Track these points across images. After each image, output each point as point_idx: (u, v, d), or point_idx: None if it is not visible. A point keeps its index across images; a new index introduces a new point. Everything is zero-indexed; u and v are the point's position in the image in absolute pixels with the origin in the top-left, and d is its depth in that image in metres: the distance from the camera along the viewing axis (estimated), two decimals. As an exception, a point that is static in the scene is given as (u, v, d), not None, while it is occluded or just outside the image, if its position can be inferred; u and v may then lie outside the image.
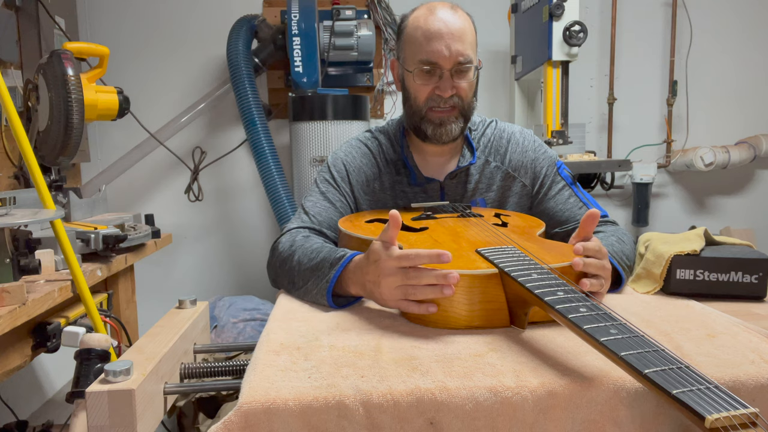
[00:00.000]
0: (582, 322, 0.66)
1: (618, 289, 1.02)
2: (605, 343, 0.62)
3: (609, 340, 0.62)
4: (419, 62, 1.16)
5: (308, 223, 1.20)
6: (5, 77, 1.89)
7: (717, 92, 2.79)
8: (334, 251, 0.99)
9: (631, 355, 0.59)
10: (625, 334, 0.64)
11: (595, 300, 0.72)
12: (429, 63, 1.15)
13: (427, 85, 1.17)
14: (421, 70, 1.16)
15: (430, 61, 1.14)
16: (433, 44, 1.14)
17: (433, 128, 1.19)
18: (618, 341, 0.62)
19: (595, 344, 0.63)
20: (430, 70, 1.16)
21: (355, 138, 1.34)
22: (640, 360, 0.59)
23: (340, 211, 1.24)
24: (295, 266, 1.04)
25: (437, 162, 1.28)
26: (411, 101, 1.21)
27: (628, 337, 0.63)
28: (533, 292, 0.73)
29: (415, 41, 1.16)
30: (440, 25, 1.14)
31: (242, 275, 2.75)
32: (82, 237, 1.39)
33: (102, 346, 0.82)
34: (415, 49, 1.17)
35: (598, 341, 0.62)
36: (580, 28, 2.12)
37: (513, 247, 0.90)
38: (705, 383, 0.55)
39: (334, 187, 1.26)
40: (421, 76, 1.17)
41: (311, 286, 0.98)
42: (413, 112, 1.21)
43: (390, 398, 0.63)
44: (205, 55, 2.61)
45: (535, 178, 1.28)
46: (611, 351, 0.60)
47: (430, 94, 1.17)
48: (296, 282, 1.03)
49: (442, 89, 1.15)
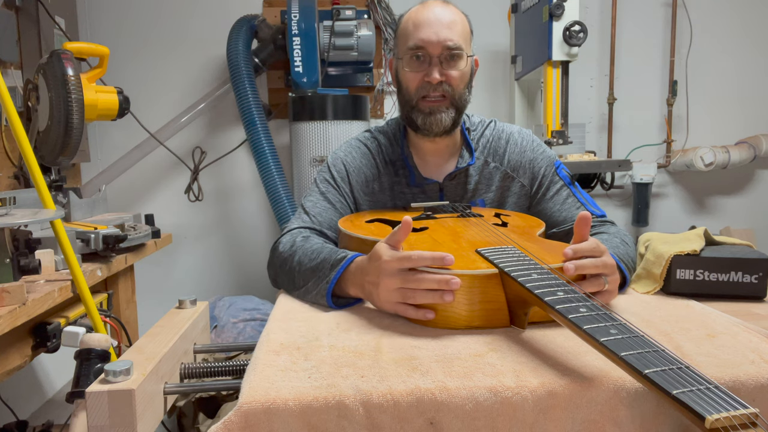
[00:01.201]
0: (582, 322, 0.66)
1: (622, 290, 1.02)
2: (605, 343, 0.62)
3: (609, 340, 0.62)
4: (408, 49, 1.18)
5: (308, 223, 1.20)
6: (5, 77, 1.89)
7: (717, 92, 2.79)
8: (335, 252, 0.99)
9: (631, 355, 0.59)
10: (625, 334, 0.64)
11: (596, 300, 0.72)
12: (418, 48, 1.16)
13: (416, 72, 1.18)
14: (410, 57, 1.18)
15: (418, 46, 1.16)
16: (422, 30, 1.16)
17: (423, 117, 1.19)
18: (618, 341, 0.62)
19: (595, 344, 0.63)
20: (420, 57, 1.17)
21: (355, 138, 1.34)
22: (640, 360, 0.59)
23: (340, 211, 1.24)
24: (295, 267, 1.04)
25: (436, 162, 1.28)
26: (403, 92, 1.22)
27: (628, 337, 0.63)
28: (533, 292, 0.73)
29: (406, 31, 1.19)
30: (430, 15, 1.17)
31: (242, 275, 2.75)
32: (82, 237, 1.39)
33: (102, 346, 0.82)
34: (405, 38, 1.19)
35: (598, 341, 0.62)
36: (580, 28, 2.12)
37: (513, 247, 0.90)
38: (705, 383, 0.55)
39: (334, 188, 1.26)
40: (411, 63, 1.18)
41: (311, 286, 0.98)
42: (405, 102, 1.22)
43: (390, 398, 0.63)
44: (205, 55, 2.61)
45: (534, 178, 1.28)
46: (611, 351, 0.60)
47: (420, 82, 1.18)
48: (297, 282, 1.03)
49: (430, 74, 1.16)
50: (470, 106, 1.26)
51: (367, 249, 0.93)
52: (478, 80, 1.28)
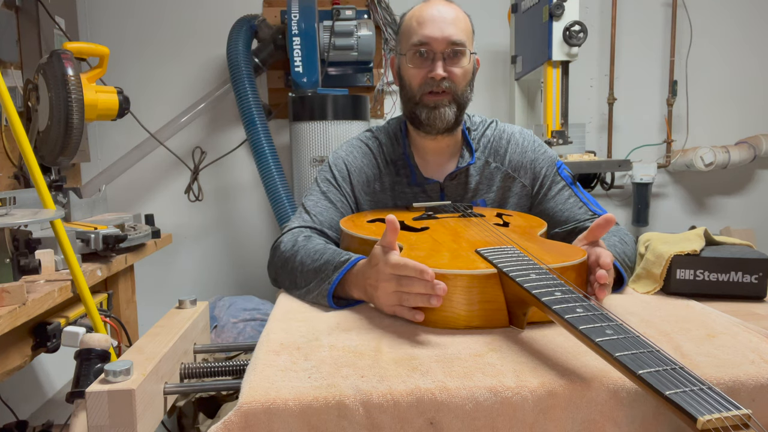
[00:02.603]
0: (578, 322, 0.66)
1: (619, 290, 1.02)
2: (600, 343, 0.62)
3: (604, 340, 0.62)
4: (412, 45, 1.18)
5: (309, 222, 1.20)
6: (5, 77, 1.89)
7: (717, 92, 2.78)
8: (338, 254, 0.99)
9: (626, 355, 0.59)
10: (620, 334, 0.64)
11: (594, 301, 0.72)
12: (421, 44, 1.17)
13: (420, 69, 1.19)
14: (414, 53, 1.18)
15: (423, 42, 1.17)
16: (426, 27, 1.17)
17: (428, 112, 1.19)
18: (613, 342, 0.62)
19: (590, 344, 0.63)
20: (424, 54, 1.18)
21: (356, 138, 1.34)
22: (635, 361, 0.59)
23: (341, 211, 1.24)
24: (297, 267, 1.04)
25: (437, 162, 1.28)
26: (406, 89, 1.22)
27: (623, 338, 0.63)
28: (531, 293, 0.73)
29: (410, 28, 1.20)
30: (434, 12, 1.18)
31: (242, 275, 2.75)
32: (82, 237, 1.39)
33: (102, 346, 0.82)
34: (409, 35, 1.20)
35: (593, 341, 0.62)
36: (580, 28, 2.12)
37: (512, 247, 0.90)
38: (699, 384, 0.55)
39: (335, 187, 1.26)
40: (415, 60, 1.19)
41: (313, 287, 0.99)
42: (408, 98, 1.23)
43: (390, 398, 0.63)
44: (205, 55, 2.61)
45: (535, 178, 1.28)
46: (606, 351, 0.61)
47: (423, 79, 1.19)
48: (298, 282, 1.03)
49: (434, 70, 1.17)
50: (470, 106, 1.26)
51: (368, 249, 0.93)
52: (478, 80, 1.28)
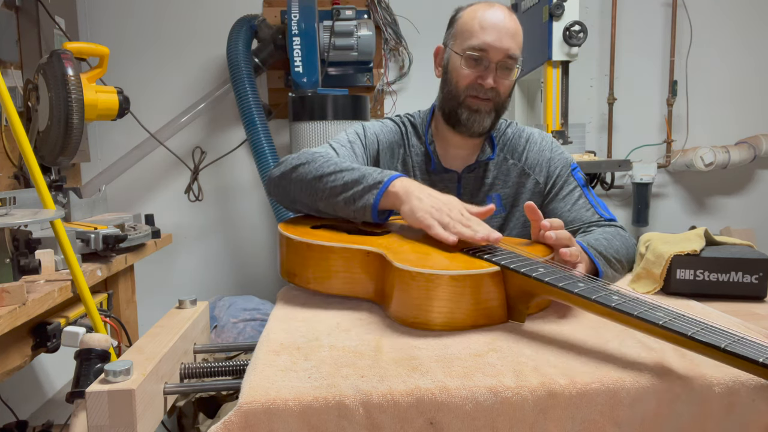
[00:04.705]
0: (609, 301, 0.70)
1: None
2: (640, 316, 0.66)
3: (644, 311, 0.67)
4: (470, 47, 1.18)
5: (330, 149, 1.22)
6: (5, 77, 1.89)
7: (717, 92, 2.79)
8: (374, 168, 1.05)
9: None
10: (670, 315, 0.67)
11: (596, 279, 0.77)
12: (480, 50, 1.17)
13: (471, 72, 1.19)
14: (470, 56, 1.18)
15: (481, 48, 1.17)
16: (488, 33, 1.17)
17: (468, 113, 1.21)
18: (655, 315, 0.66)
19: (629, 320, 0.68)
20: (479, 59, 1.18)
21: (387, 118, 1.37)
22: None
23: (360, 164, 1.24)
24: (323, 166, 1.07)
25: (458, 154, 1.29)
26: (451, 85, 1.23)
27: (672, 317, 0.67)
28: (556, 285, 0.75)
29: (471, 28, 1.19)
30: (497, 20, 1.18)
31: (242, 275, 2.75)
32: (82, 237, 1.39)
33: (102, 346, 0.81)
34: (468, 35, 1.19)
35: (633, 315, 0.67)
36: (580, 28, 2.12)
37: (493, 245, 0.92)
38: (738, 335, 0.63)
39: (362, 144, 1.28)
40: (469, 62, 1.19)
41: (352, 184, 1.02)
42: (452, 96, 1.23)
43: (390, 398, 0.63)
44: (205, 55, 2.61)
45: (549, 176, 1.30)
46: (661, 326, 0.65)
47: (471, 81, 1.19)
48: (322, 182, 1.05)
49: (485, 78, 1.18)
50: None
51: (314, 255, 0.94)
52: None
